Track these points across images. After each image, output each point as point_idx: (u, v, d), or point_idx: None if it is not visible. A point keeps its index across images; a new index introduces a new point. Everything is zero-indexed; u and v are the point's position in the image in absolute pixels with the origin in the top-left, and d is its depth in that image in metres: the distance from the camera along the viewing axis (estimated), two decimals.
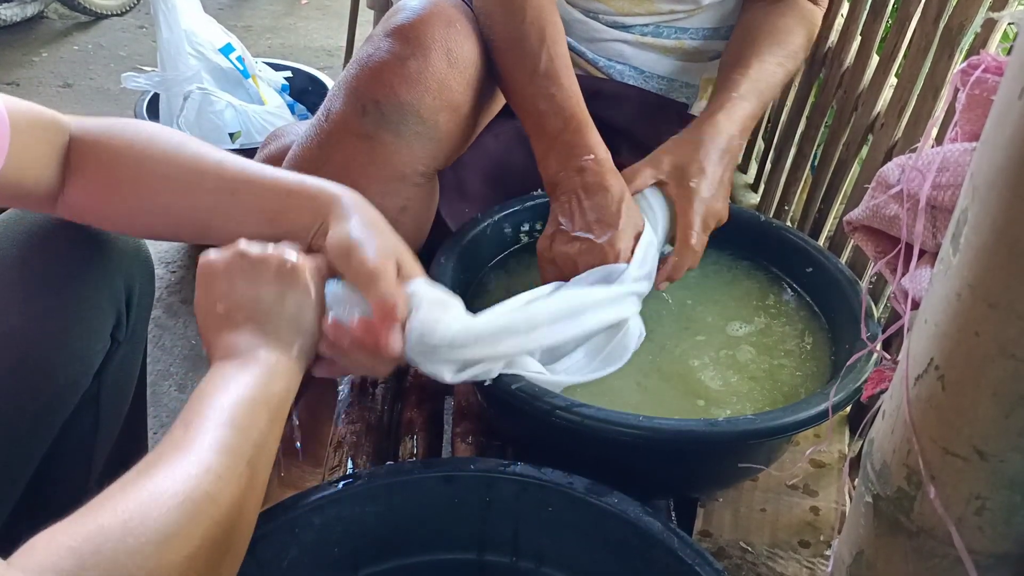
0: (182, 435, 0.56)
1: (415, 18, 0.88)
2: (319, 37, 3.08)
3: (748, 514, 0.85)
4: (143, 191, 0.71)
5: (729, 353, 0.86)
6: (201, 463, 0.54)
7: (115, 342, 0.83)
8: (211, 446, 0.55)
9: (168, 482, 0.52)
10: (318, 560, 0.68)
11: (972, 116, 0.50)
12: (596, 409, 0.72)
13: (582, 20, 1.07)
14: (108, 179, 0.72)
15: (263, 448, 0.59)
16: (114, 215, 0.74)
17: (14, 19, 2.87)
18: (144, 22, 3.05)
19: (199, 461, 0.54)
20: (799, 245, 0.95)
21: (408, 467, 0.73)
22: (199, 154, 0.72)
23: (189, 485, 0.52)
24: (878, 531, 0.47)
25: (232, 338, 0.63)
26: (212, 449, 0.55)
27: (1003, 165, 0.35)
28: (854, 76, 1.11)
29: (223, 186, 0.70)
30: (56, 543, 0.47)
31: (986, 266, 0.36)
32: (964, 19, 0.88)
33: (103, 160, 0.71)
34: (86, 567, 0.46)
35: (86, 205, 0.73)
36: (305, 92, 2.09)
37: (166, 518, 0.50)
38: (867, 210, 0.58)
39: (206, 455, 0.54)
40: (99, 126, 0.73)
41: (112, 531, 0.48)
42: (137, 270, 0.83)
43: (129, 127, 0.73)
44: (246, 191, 0.70)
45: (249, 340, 0.63)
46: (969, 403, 0.39)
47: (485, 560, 0.72)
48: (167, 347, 1.62)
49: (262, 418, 0.59)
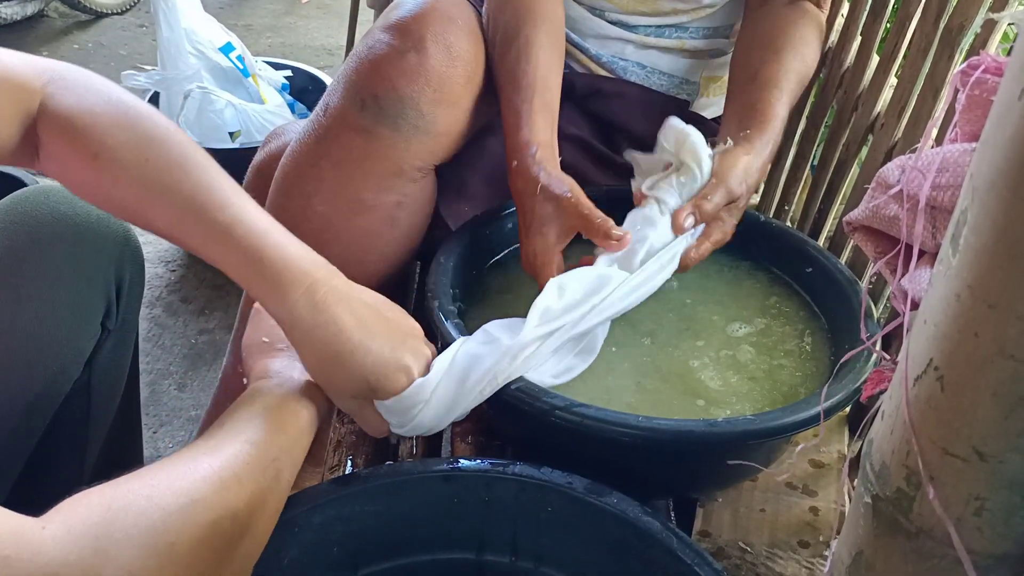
0: (218, 431, 0.60)
1: (414, 13, 0.88)
2: (319, 36, 3.08)
3: (747, 514, 0.85)
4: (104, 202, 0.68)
5: (729, 353, 0.86)
6: (233, 449, 0.58)
7: (105, 330, 0.83)
8: (240, 439, 0.59)
9: (203, 461, 0.56)
10: (317, 559, 0.68)
11: (972, 117, 0.50)
12: (596, 409, 0.72)
13: (588, 17, 1.07)
14: (74, 174, 0.67)
15: (290, 451, 0.63)
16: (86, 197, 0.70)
17: (14, 17, 2.87)
18: (144, 21, 3.05)
19: (232, 448, 0.58)
20: (799, 245, 0.95)
21: (407, 467, 0.73)
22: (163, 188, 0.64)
23: (219, 464, 0.56)
24: (877, 532, 0.47)
25: (271, 363, 0.68)
26: (244, 441, 0.59)
27: (1003, 166, 0.35)
28: (854, 76, 1.11)
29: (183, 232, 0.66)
30: (86, 500, 0.50)
31: (985, 267, 0.36)
32: (964, 19, 0.88)
33: (67, 155, 0.65)
34: (114, 521, 0.49)
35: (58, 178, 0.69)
36: (305, 91, 2.09)
37: (192, 486, 0.53)
38: (867, 210, 0.58)
39: (239, 446, 0.58)
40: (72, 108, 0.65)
41: (140, 491, 0.51)
42: (127, 258, 0.83)
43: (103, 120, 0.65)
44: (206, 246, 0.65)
45: (287, 364, 0.68)
46: (968, 404, 0.39)
47: (484, 560, 0.72)
48: (167, 346, 1.62)
49: (290, 426, 0.63)
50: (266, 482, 0.58)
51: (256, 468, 0.58)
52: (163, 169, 0.64)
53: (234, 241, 0.64)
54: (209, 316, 1.70)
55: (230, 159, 1.56)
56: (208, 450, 0.57)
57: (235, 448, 0.58)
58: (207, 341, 1.64)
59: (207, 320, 1.69)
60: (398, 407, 0.69)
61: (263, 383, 0.67)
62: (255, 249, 0.64)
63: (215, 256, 0.65)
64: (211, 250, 0.65)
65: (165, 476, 0.53)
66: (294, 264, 0.64)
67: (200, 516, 0.52)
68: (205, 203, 0.64)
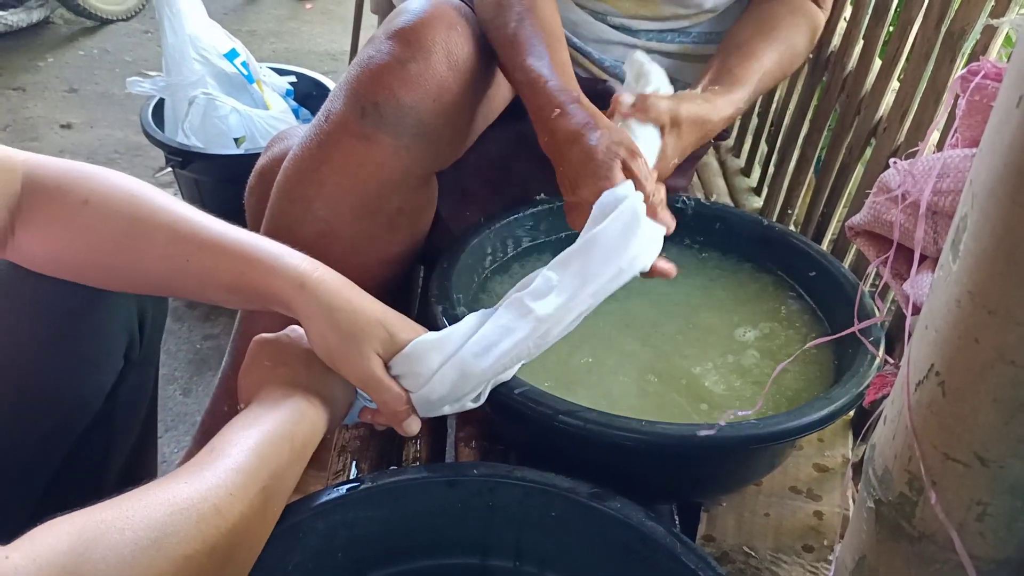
0: (205, 457, 0.58)
1: (416, 21, 0.89)
2: (323, 42, 3.09)
3: (752, 519, 0.85)
4: (95, 251, 0.69)
5: (733, 357, 0.86)
6: (216, 479, 0.56)
7: (128, 362, 0.83)
8: (228, 466, 0.57)
9: (182, 491, 0.53)
10: (322, 565, 0.68)
11: (972, 122, 0.50)
12: (599, 413, 0.72)
13: (590, 22, 1.08)
14: (61, 235, 0.68)
15: (281, 480, 0.61)
16: (65, 269, 0.71)
17: (20, 24, 2.88)
18: (149, 27, 3.06)
19: (215, 477, 0.56)
20: (802, 249, 0.95)
21: (412, 472, 0.73)
22: (154, 213, 0.68)
23: (199, 496, 0.53)
24: (880, 536, 0.47)
25: (270, 388, 0.67)
26: (229, 469, 0.57)
27: (1002, 172, 0.35)
28: (857, 80, 1.11)
29: (175, 253, 0.68)
30: (56, 528, 0.48)
31: (985, 273, 0.36)
32: (966, 24, 0.88)
33: (54, 215, 0.68)
34: (82, 552, 0.47)
35: (35, 254, 0.70)
36: (309, 97, 2.09)
37: (168, 519, 0.51)
38: (868, 215, 0.58)
39: (223, 474, 0.56)
40: (56, 175, 0.68)
41: (113, 523, 0.49)
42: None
43: (85, 179, 0.69)
44: (199, 258, 0.68)
45: (285, 390, 0.67)
46: (969, 409, 0.39)
47: (488, 565, 0.72)
48: (172, 351, 1.62)
49: (284, 452, 0.62)
50: (251, 513, 0.56)
51: (240, 499, 0.55)
52: (147, 202, 0.68)
53: (228, 246, 0.67)
54: (214, 321, 1.70)
55: (235, 165, 1.57)
56: (190, 477, 0.55)
57: (219, 477, 0.56)
58: (212, 346, 1.65)
59: (212, 326, 1.70)
60: (416, 354, 0.68)
61: (261, 403, 0.65)
62: (250, 246, 0.68)
63: (209, 268, 0.67)
64: (205, 263, 0.67)
65: (141, 507, 0.51)
66: (287, 252, 0.69)
67: (173, 550, 0.50)
68: (194, 223, 0.68)
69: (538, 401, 0.73)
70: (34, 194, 0.67)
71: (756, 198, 1.42)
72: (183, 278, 0.69)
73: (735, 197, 1.43)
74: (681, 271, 0.85)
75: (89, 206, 0.67)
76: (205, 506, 0.53)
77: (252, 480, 0.57)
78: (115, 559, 0.48)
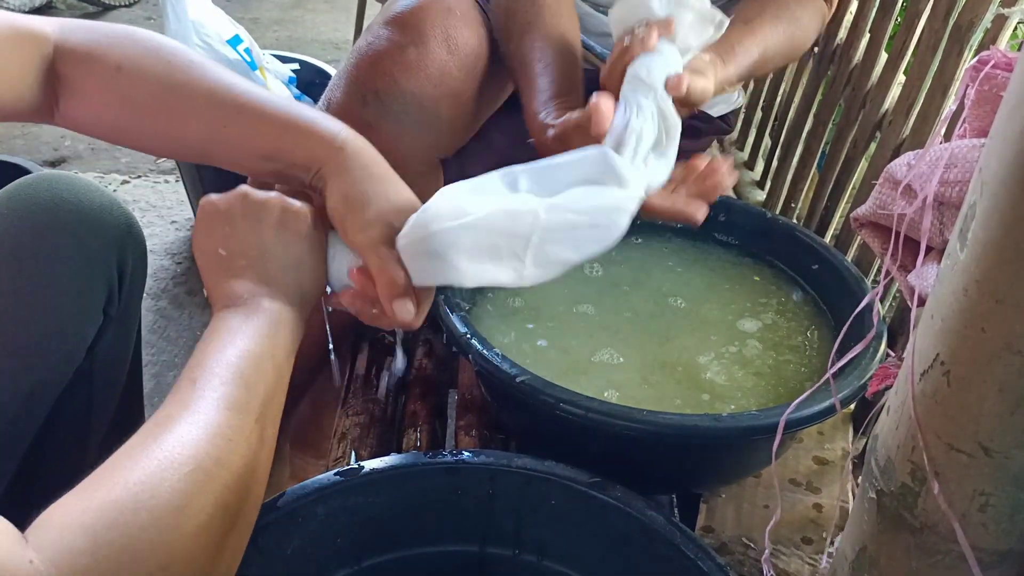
0: (189, 392, 0.55)
1: (413, 6, 0.88)
2: (326, 30, 3.08)
3: (751, 510, 0.85)
4: (134, 115, 0.69)
5: (734, 348, 0.86)
6: (210, 425, 0.53)
7: (107, 318, 0.83)
8: (219, 404, 0.55)
9: (178, 448, 0.52)
10: (321, 550, 0.68)
11: (981, 112, 0.50)
12: (600, 403, 0.71)
13: (592, 14, 1.07)
14: (99, 98, 0.68)
15: (271, 403, 0.59)
16: (110, 134, 0.71)
17: (23, 9, 2.87)
18: (152, 13, 3.05)
19: (208, 423, 0.53)
20: (805, 242, 0.95)
21: (412, 459, 0.73)
22: (191, 79, 0.67)
23: (199, 451, 0.52)
24: (881, 527, 0.47)
25: (234, 285, 0.63)
26: (220, 407, 0.54)
27: (1012, 161, 0.35)
28: (862, 73, 1.11)
29: (214, 116, 0.67)
30: (70, 520, 0.47)
31: (993, 261, 0.36)
32: (974, 16, 0.88)
33: (91, 79, 0.67)
34: (101, 544, 0.46)
35: (81, 121, 0.70)
36: (312, 84, 2.09)
37: (178, 488, 0.50)
38: (874, 205, 0.57)
39: (215, 415, 0.54)
40: (87, 40, 0.68)
41: (124, 505, 0.48)
42: (129, 246, 0.83)
43: (119, 41, 0.68)
44: (238, 124, 0.67)
45: (252, 288, 0.62)
46: (975, 399, 0.39)
47: (487, 552, 0.72)
48: (172, 338, 1.62)
49: (269, 372, 0.59)
50: (251, 450, 0.55)
51: (238, 442, 0.54)
52: (184, 67, 0.67)
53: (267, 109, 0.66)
54: None
55: None
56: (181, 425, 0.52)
57: (212, 421, 0.53)
58: None
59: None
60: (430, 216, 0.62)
61: (231, 311, 0.61)
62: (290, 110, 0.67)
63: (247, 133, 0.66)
64: (243, 127, 0.66)
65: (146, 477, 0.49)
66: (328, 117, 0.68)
67: (190, 522, 0.49)
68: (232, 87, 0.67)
69: (539, 390, 0.73)
70: (67, 62, 0.67)
71: (760, 191, 1.41)
72: (220, 144, 0.68)
73: (739, 191, 1.43)
74: (684, 262, 0.85)
75: (123, 72, 0.67)
76: (208, 462, 0.51)
77: (245, 416, 0.55)
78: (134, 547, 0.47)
